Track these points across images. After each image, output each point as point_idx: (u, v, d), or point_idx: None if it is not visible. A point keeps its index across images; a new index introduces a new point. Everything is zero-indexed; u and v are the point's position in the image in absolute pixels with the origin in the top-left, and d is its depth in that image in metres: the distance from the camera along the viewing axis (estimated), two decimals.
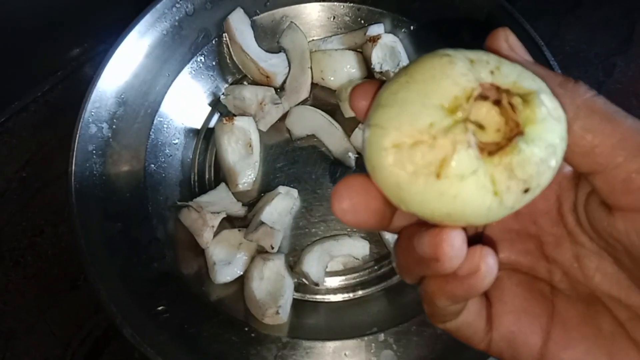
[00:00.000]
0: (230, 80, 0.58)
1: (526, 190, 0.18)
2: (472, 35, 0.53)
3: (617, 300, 0.22)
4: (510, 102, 0.18)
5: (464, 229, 0.20)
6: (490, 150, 0.18)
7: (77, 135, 0.50)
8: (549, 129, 0.18)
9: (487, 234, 0.25)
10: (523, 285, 0.24)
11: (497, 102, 0.18)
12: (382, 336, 0.46)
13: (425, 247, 0.20)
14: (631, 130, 0.19)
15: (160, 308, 0.46)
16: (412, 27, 0.57)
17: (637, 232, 0.20)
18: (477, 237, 0.25)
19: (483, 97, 0.18)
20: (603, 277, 0.22)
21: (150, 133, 0.54)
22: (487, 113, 0.19)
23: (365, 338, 0.46)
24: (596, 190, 0.21)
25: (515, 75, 0.19)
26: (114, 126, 0.51)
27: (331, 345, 0.46)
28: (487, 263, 0.20)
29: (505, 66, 0.19)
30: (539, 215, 0.24)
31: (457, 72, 0.19)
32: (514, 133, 0.18)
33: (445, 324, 0.24)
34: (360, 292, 0.50)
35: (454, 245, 0.19)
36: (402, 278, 0.24)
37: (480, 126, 0.19)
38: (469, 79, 0.18)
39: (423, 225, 0.21)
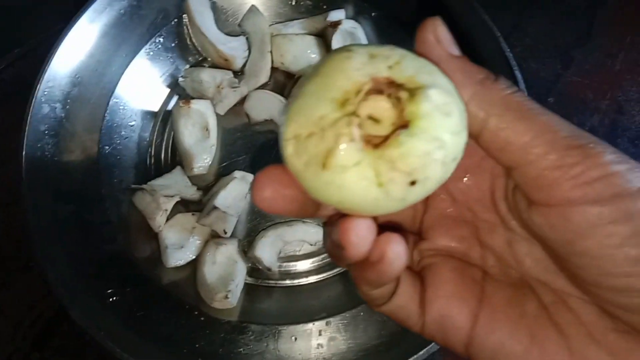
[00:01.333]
0: (190, 62, 0.57)
1: (413, 182, 0.19)
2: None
3: (544, 284, 0.23)
4: (397, 96, 0.19)
5: (375, 218, 0.21)
6: (375, 143, 0.19)
7: (29, 115, 0.49)
8: (434, 123, 0.19)
9: (425, 221, 0.26)
10: (456, 271, 0.24)
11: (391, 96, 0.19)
12: (331, 321, 0.46)
13: (335, 235, 0.21)
14: (544, 127, 0.20)
15: (109, 291, 0.46)
16: (373, 14, 0.56)
17: (549, 226, 0.20)
18: (394, 227, 0.26)
19: (378, 91, 0.19)
20: (533, 262, 0.23)
21: (106, 114, 0.53)
22: (381, 107, 0.19)
23: (315, 323, 0.46)
24: (517, 185, 0.22)
25: (414, 69, 0.19)
26: (67, 106, 0.50)
27: (280, 329, 0.46)
28: (392, 249, 0.20)
29: (406, 61, 0.20)
30: (474, 202, 0.25)
31: (352, 67, 0.19)
32: (398, 127, 0.19)
33: (380, 307, 0.24)
34: (312, 278, 0.51)
35: (358, 234, 0.20)
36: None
37: (376, 120, 0.19)
38: (361, 74, 0.19)
39: (341, 215, 0.21)
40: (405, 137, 0.18)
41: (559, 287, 0.22)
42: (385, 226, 0.23)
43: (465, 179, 0.25)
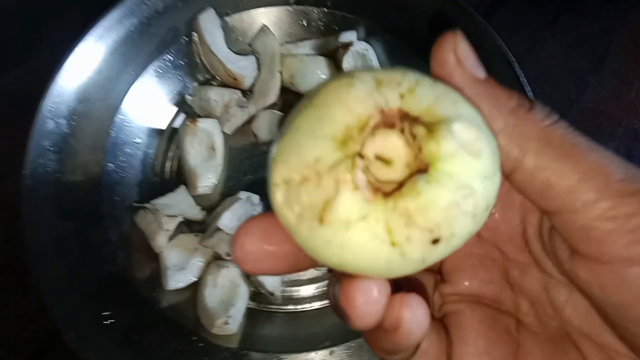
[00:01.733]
0: (199, 80, 0.57)
1: (435, 241, 0.16)
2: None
3: (588, 338, 0.20)
4: (412, 133, 0.16)
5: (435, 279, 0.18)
6: (386, 191, 0.15)
7: (33, 130, 0.48)
8: (462, 166, 0.16)
9: (449, 265, 0.23)
10: (487, 323, 0.21)
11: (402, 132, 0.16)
12: (334, 350, 0.44)
13: (338, 300, 0.17)
14: (594, 168, 0.17)
15: (106, 313, 0.44)
16: (385, 36, 0.56)
17: (599, 286, 0.17)
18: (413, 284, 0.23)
19: (388, 125, 0.16)
20: (573, 310, 0.20)
21: (111, 131, 0.52)
22: (392, 145, 0.16)
23: (318, 352, 0.44)
24: (555, 230, 0.19)
25: (432, 98, 0.16)
26: (73, 122, 0.50)
27: (281, 358, 0.44)
28: (410, 315, 0.17)
29: (422, 87, 0.16)
30: (502, 241, 0.22)
31: (354, 97, 0.16)
32: (415, 171, 0.16)
33: None
34: (316, 304, 0.49)
35: (367, 300, 0.16)
36: None
37: (386, 161, 0.16)
38: (366, 105, 0.16)
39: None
40: (425, 184, 0.15)
41: (607, 342, 0.19)
42: None
43: (492, 213, 0.22)
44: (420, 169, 0.15)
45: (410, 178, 0.15)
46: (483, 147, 0.16)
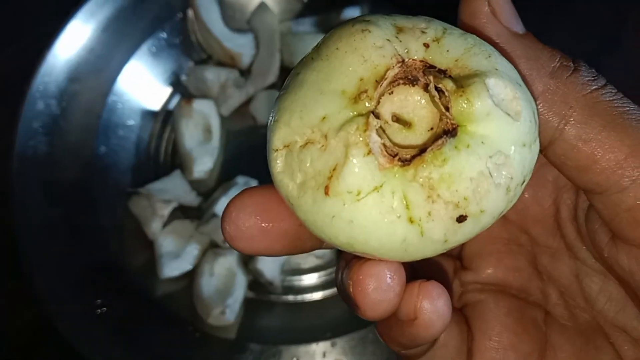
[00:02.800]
0: (194, 59, 0.54)
1: (461, 219, 0.13)
2: (452, 25, 0.50)
3: (623, 331, 0.18)
4: (438, 88, 0.13)
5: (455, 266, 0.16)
6: (404, 158, 0.13)
7: (23, 111, 0.47)
8: (497, 130, 0.13)
9: (471, 252, 0.21)
10: (513, 315, 0.20)
11: (426, 87, 0.14)
12: (336, 342, 0.43)
13: (347, 287, 0.15)
14: None
15: (99, 301, 0.43)
16: (390, 12, 0.53)
17: None
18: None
19: (410, 79, 0.13)
20: (607, 301, 0.18)
21: (103, 112, 0.50)
22: (414, 103, 0.14)
23: (319, 344, 0.43)
24: (597, 212, 0.16)
25: (463, 49, 0.14)
26: (63, 103, 0.48)
27: (281, 349, 0.43)
28: (430, 307, 0.15)
29: (450, 37, 0.14)
30: (532, 223, 0.20)
31: (369, 44, 0.14)
32: (440, 134, 0.13)
33: None
34: (318, 294, 0.47)
35: (380, 287, 0.15)
36: None
37: (406, 123, 0.14)
38: (384, 54, 0.13)
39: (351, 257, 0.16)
40: (452, 149, 0.13)
41: None
42: None
43: None
44: (447, 131, 0.13)
45: (434, 143, 0.13)
46: (523, 109, 0.14)
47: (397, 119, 0.14)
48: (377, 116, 0.13)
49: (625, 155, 0.15)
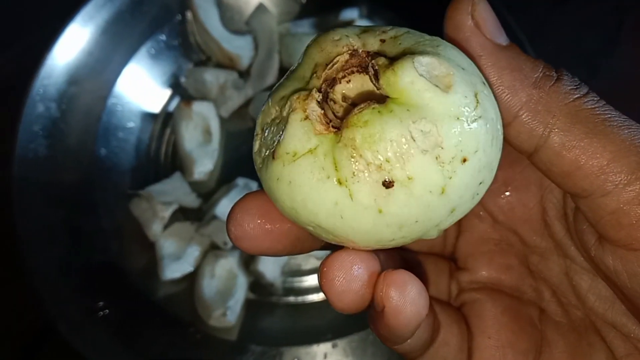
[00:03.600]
0: (194, 61, 0.54)
1: (388, 184, 0.14)
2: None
3: (613, 327, 0.19)
4: (372, 66, 0.14)
5: (378, 252, 0.16)
6: (336, 124, 0.14)
7: (23, 115, 0.47)
8: (422, 99, 0.14)
9: (462, 252, 0.21)
10: (509, 313, 0.20)
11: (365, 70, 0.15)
12: (337, 343, 0.43)
13: (319, 279, 0.16)
14: (626, 147, 0.15)
15: (100, 304, 0.43)
16: (388, 14, 0.53)
17: (630, 274, 0.16)
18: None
19: (362, 68, 0.15)
20: (597, 299, 0.19)
21: (103, 115, 0.50)
22: (362, 87, 0.15)
23: (320, 345, 0.43)
24: (583, 214, 0.17)
25: (414, 42, 0.15)
26: (63, 106, 0.48)
27: (282, 351, 0.43)
28: (392, 297, 0.15)
29: (410, 35, 0.15)
30: (519, 224, 0.20)
31: (328, 39, 0.15)
32: (368, 101, 0.14)
33: None
34: (318, 295, 0.47)
35: (345, 277, 0.15)
36: None
37: (353, 102, 0.15)
38: (337, 44, 0.15)
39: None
40: (375, 113, 0.14)
41: (633, 333, 0.18)
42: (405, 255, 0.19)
43: (506, 193, 0.20)
44: (374, 98, 0.14)
45: (360, 108, 0.14)
46: (455, 83, 0.14)
47: (345, 98, 0.15)
48: (326, 94, 0.15)
49: (607, 161, 0.15)
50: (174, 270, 0.46)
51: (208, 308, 0.43)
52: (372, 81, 0.14)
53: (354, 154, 0.13)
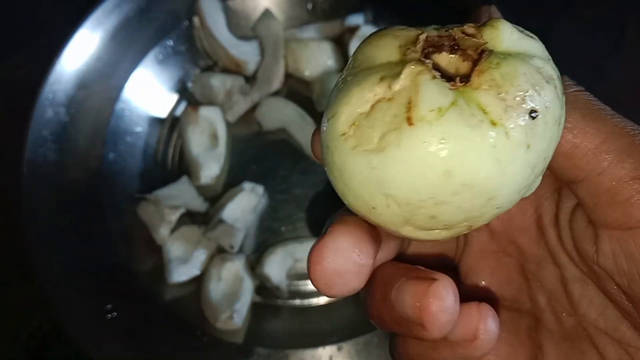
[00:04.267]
0: (200, 66, 0.55)
1: (533, 113, 0.14)
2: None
3: (605, 334, 0.19)
4: (465, 32, 0.15)
5: (456, 280, 0.16)
6: (462, 78, 0.14)
7: (32, 119, 0.47)
8: (524, 44, 0.15)
9: (466, 266, 0.22)
10: (508, 328, 0.21)
11: (454, 49, 0.15)
12: (342, 346, 0.43)
13: (408, 308, 0.16)
14: (618, 129, 0.16)
15: (108, 306, 0.44)
16: (393, 20, 0.53)
17: (626, 255, 0.16)
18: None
19: (437, 47, 0.15)
20: (589, 305, 0.19)
21: (111, 119, 0.51)
22: (451, 61, 0.15)
23: (325, 348, 0.43)
24: (581, 204, 0.18)
25: (477, 29, 0.16)
26: (72, 111, 0.49)
27: (288, 353, 0.43)
28: (487, 328, 0.16)
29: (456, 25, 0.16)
30: (517, 233, 0.21)
31: (394, 29, 0.16)
32: (479, 53, 0.15)
33: None
34: (324, 299, 0.48)
35: (446, 308, 0.15)
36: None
37: (447, 75, 0.15)
38: (408, 30, 0.16)
39: (403, 269, 0.17)
40: (499, 58, 0.14)
41: (624, 338, 0.19)
42: (429, 262, 0.19)
43: None
44: (484, 50, 0.15)
45: (480, 60, 0.15)
46: (536, 38, 0.16)
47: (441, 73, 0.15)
48: (424, 60, 0.15)
49: (601, 140, 0.16)
50: (181, 273, 0.46)
51: (215, 311, 0.44)
52: (465, 53, 0.15)
53: (500, 91, 0.14)
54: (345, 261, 0.16)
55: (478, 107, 0.14)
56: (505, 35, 0.15)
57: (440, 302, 0.15)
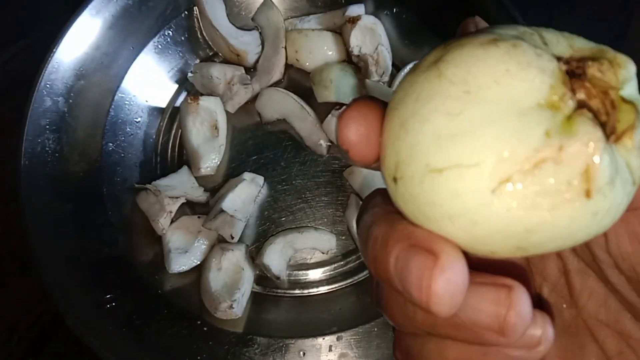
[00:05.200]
0: (200, 57, 0.55)
1: None
2: (457, 22, 0.49)
3: (606, 326, 0.19)
4: (599, 68, 0.14)
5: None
6: (611, 132, 0.14)
7: (30, 109, 0.47)
8: None
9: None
10: None
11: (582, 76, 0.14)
12: (342, 336, 0.43)
13: (485, 316, 0.15)
14: None
15: (108, 296, 0.43)
16: (395, 10, 0.53)
17: (631, 236, 0.16)
18: None
19: (574, 74, 0.14)
20: (589, 297, 0.19)
21: (110, 110, 0.50)
22: (587, 94, 0.14)
23: (325, 338, 0.43)
24: None
25: (563, 37, 0.15)
26: (70, 100, 0.48)
27: (287, 343, 0.43)
28: (549, 335, 0.16)
29: (546, 33, 0.15)
30: None
31: (532, 55, 0.14)
32: (614, 101, 0.14)
33: None
34: (324, 288, 0.48)
35: (524, 314, 0.15)
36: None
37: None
38: (548, 59, 0.14)
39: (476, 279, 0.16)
40: (635, 111, 0.14)
41: (626, 329, 0.18)
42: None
43: None
44: (617, 99, 0.14)
45: (613, 108, 0.14)
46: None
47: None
48: (580, 112, 0.14)
49: None
50: (181, 263, 0.46)
51: (215, 301, 0.43)
52: (599, 84, 0.14)
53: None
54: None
55: (627, 168, 0.14)
56: (632, 82, 0.14)
57: (520, 310, 0.15)
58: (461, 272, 0.14)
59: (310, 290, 0.48)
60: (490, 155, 0.13)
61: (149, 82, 0.52)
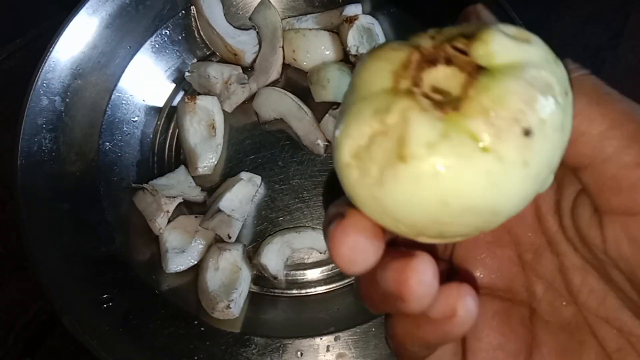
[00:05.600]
0: (198, 56, 0.55)
1: (527, 132, 0.14)
2: (453, 22, 0.50)
3: (606, 322, 0.19)
4: (455, 48, 0.15)
5: (435, 259, 0.16)
6: (453, 105, 0.14)
7: (27, 108, 0.47)
8: (518, 52, 0.15)
9: (458, 257, 0.22)
10: (500, 316, 0.21)
11: (450, 60, 0.15)
12: (340, 336, 0.43)
13: (389, 283, 0.16)
14: (625, 115, 0.16)
15: (105, 296, 0.43)
16: (392, 10, 0.53)
17: (630, 240, 0.16)
18: (449, 269, 0.22)
19: (431, 62, 0.15)
20: (590, 294, 0.19)
21: (107, 109, 0.50)
22: (445, 76, 0.15)
23: (323, 338, 0.43)
24: (585, 191, 0.18)
25: (461, 28, 0.15)
26: (67, 99, 0.48)
27: (285, 343, 0.43)
28: (466, 306, 0.16)
29: (449, 28, 0.16)
30: (513, 222, 0.21)
31: (388, 50, 0.16)
32: (471, 74, 0.14)
33: None
34: (321, 288, 0.48)
35: (423, 282, 0.15)
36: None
37: (446, 94, 0.15)
38: (402, 50, 0.15)
39: (388, 254, 0.17)
40: (489, 78, 0.14)
41: (626, 326, 0.18)
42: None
43: None
44: (476, 70, 0.14)
45: (470, 81, 0.14)
46: (531, 36, 0.15)
47: (436, 90, 0.15)
48: (417, 86, 0.15)
49: (607, 127, 0.16)
50: (178, 263, 0.46)
51: (212, 300, 0.43)
52: (458, 66, 0.15)
53: (490, 117, 0.14)
54: (365, 240, 0.16)
55: (469, 136, 0.14)
56: (496, 49, 0.14)
57: (418, 275, 0.15)
58: (362, 240, 0.16)
59: (308, 290, 0.48)
60: (344, 137, 0.15)
61: (146, 81, 0.52)
